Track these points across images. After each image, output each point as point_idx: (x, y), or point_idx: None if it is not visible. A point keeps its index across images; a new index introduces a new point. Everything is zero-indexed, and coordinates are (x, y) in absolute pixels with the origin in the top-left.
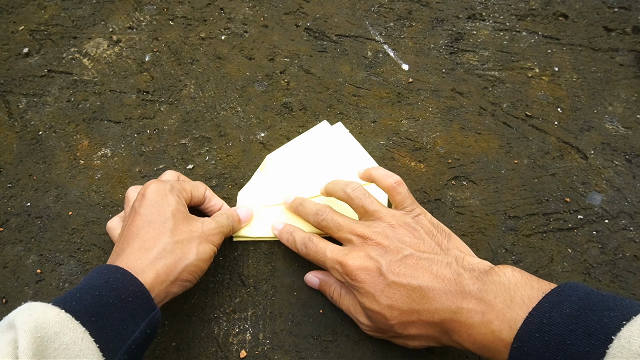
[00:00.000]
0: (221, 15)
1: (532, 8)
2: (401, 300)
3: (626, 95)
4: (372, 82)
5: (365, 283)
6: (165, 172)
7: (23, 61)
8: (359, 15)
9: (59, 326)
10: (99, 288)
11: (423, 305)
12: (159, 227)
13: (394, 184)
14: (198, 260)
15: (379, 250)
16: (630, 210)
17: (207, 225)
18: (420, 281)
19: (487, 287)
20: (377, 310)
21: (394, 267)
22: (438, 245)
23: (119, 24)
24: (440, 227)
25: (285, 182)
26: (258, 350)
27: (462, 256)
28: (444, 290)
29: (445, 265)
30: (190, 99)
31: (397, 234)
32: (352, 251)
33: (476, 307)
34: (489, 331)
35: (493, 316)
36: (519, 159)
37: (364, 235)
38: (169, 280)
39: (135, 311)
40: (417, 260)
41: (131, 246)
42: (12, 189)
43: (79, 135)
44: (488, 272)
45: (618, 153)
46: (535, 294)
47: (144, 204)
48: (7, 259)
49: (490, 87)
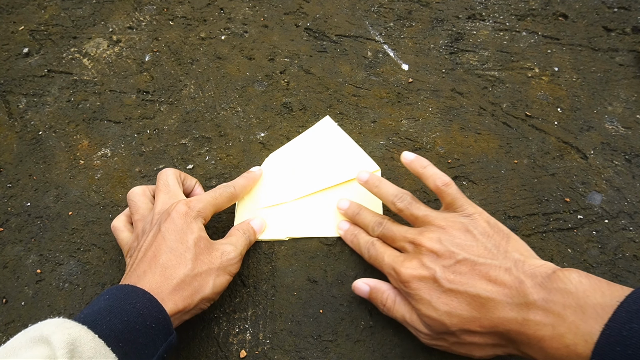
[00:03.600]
0: (221, 15)
1: (532, 8)
2: (460, 307)
3: (626, 95)
4: (372, 82)
5: (421, 290)
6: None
7: (23, 61)
8: (359, 15)
9: (93, 351)
10: (127, 313)
11: (484, 314)
12: (181, 256)
13: (442, 186)
14: (213, 293)
15: (431, 257)
16: (630, 210)
17: (226, 255)
18: (479, 289)
19: (553, 296)
20: (435, 317)
21: (448, 274)
22: (496, 248)
23: (119, 24)
24: (497, 226)
25: (284, 183)
26: (258, 350)
27: (523, 259)
28: (506, 300)
29: (504, 271)
30: (190, 99)
31: (450, 236)
32: (406, 259)
33: (544, 319)
34: (562, 346)
35: (565, 329)
36: (518, 159)
37: (415, 241)
38: (185, 310)
39: (156, 336)
40: (472, 265)
41: (153, 271)
42: (12, 189)
43: (79, 135)
44: (552, 278)
45: (618, 153)
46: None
47: (170, 227)
48: (7, 259)
49: (490, 87)
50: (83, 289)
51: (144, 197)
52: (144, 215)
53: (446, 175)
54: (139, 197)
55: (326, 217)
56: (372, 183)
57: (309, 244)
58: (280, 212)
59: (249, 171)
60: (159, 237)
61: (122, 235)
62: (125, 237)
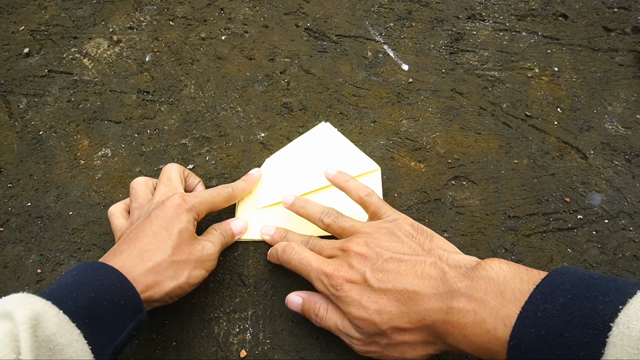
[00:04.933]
0: (221, 15)
1: (532, 8)
2: (389, 304)
3: (626, 95)
4: (372, 82)
5: (351, 292)
6: (171, 164)
7: (23, 61)
8: (359, 15)
9: (56, 327)
10: (95, 289)
11: (412, 307)
12: (162, 241)
13: (364, 197)
14: (186, 284)
15: (360, 259)
16: (630, 210)
17: (206, 250)
18: (405, 283)
19: (476, 283)
20: (366, 316)
21: (376, 274)
22: (420, 246)
23: (119, 24)
24: (420, 228)
25: (283, 182)
26: (258, 350)
27: (447, 254)
28: (431, 291)
29: (429, 265)
30: (190, 99)
31: (376, 239)
32: (335, 262)
33: (467, 305)
34: (484, 331)
35: (486, 314)
36: (518, 159)
37: (343, 247)
38: (154, 295)
39: (124, 313)
40: (398, 263)
41: (130, 250)
42: (12, 189)
43: (79, 135)
44: (475, 267)
45: (618, 153)
46: (526, 286)
47: (159, 213)
48: (8, 259)
49: (490, 87)
50: None
51: (146, 188)
52: (141, 204)
53: (368, 187)
54: (140, 186)
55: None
56: (297, 205)
57: None
58: (280, 212)
59: (248, 174)
60: (147, 222)
61: (117, 221)
62: (119, 224)
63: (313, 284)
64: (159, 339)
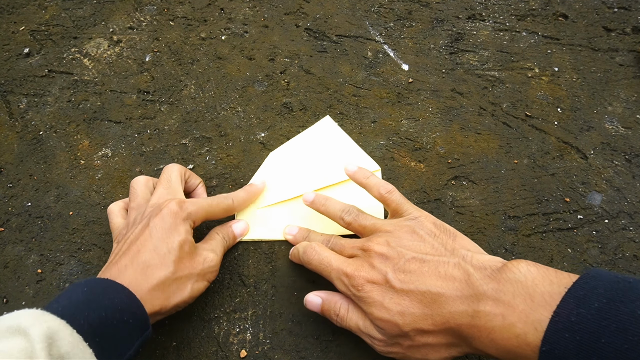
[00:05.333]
0: (221, 15)
1: (532, 8)
2: (412, 306)
3: (626, 95)
4: (372, 82)
5: (373, 292)
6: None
7: (24, 61)
8: (359, 15)
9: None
10: (105, 308)
11: (435, 310)
12: (163, 256)
13: (385, 194)
14: (190, 298)
15: (381, 259)
16: (630, 210)
17: (208, 262)
18: (428, 285)
19: (503, 286)
20: (388, 318)
21: (398, 274)
22: (442, 246)
23: (119, 24)
24: (443, 226)
25: (284, 181)
26: (258, 350)
27: (471, 255)
28: (456, 293)
29: (453, 266)
30: (190, 99)
31: (397, 239)
32: (356, 262)
33: (494, 309)
34: (513, 335)
35: (515, 318)
36: (518, 159)
37: (364, 247)
38: (160, 311)
39: (133, 331)
40: (421, 263)
41: (134, 267)
42: (12, 189)
43: (79, 135)
44: (501, 269)
45: (618, 153)
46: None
47: (158, 223)
48: (8, 259)
49: (490, 87)
50: None
51: (145, 188)
52: (139, 204)
53: (389, 184)
54: (140, 186)
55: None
56: (318, 202)
57: None
58: (280, 211)
59: (251, 184)
60: (146, 232)
61: (116, 220)
62: (117, 222)
63: (334, 284)
64: (159, 339)
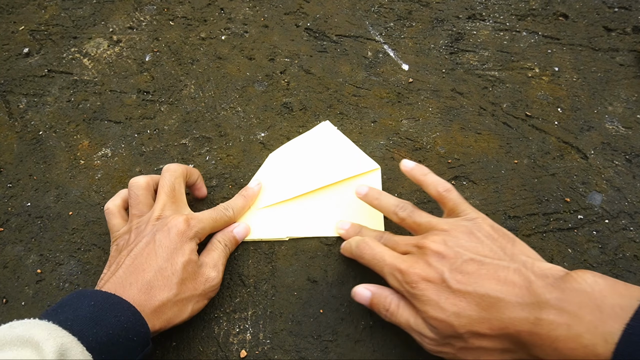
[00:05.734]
0: (221, 15)
1: (532, 8)
2: (469, 308)
3: (626, 95)
4: (372, 82)
5: (428, 291)
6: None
7: (23, 61)
8: (359, 15)
9: None
10: (113, 326)
11: (494, 314)
12: (168, 278)
13: (443, 192)
14: (189, 317)
15: (437, 258)
16: (630, 210)
17: (209, 282)
18: (488, 289)
19: (567, 296)
20: (443, 318)
21: (456, 274)
22: (501, 250)
23: (119, 24)
24: (501, 230)
25: (284, 182)
26: (258, 350)
27: (531, 262)
28: (516, 299)
29: (513, 272)
30: (190, 99)
31: (454, 238)
32: (411, 259)
33: (558, 318)
34: (580, 346)
35: (582, 329)
36: (519, 159)
37: (419, 244)
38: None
39: (136, 348)
40: (479, 265)
41: (138, 286)
42: (12, 188)
43: (79, 135)
44: (564, 278)
45: (618, 153)
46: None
47: (164, 242)
48: (8, 259)
49: (490, 87)
50: (83, 289)
51: (147, 192)
52: (142, 211)
53: (447, 182)
54: (142, 191)
55: (326, 216)
56: (372, 196)
57: (309, 244)
58: (280, 211)
59: (247, 188)
60: (151, 248)
61: (115, 221)
62: (117, 224)
63: (386, 280)
64: (159, 339)
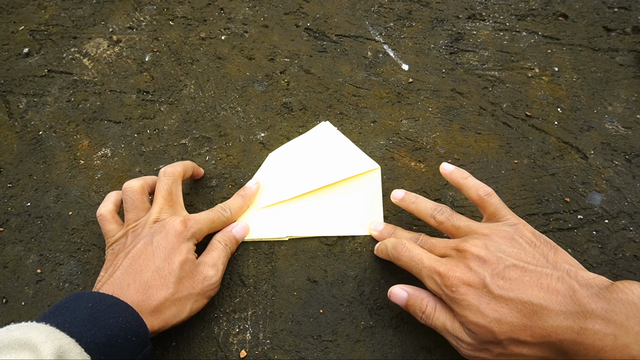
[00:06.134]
0: (221, 15)
1: (532, 8)
2: (510, 314)
3: (626, 95)
4: (372, 82)
5: (469, 295)
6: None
7: (23, 61)
8: (359, 15)
9: None
10: (111, 327)
11: (536, 322)
12: (165, 277)
13: (484, 196)
14: (189, 316)
15: (478, 262)
16: (630, 210)
17: (207, 281)
18: (530, 296)
19: (614, 306)
20: (484, 324)
21: (497, 280)
22: (544, 257)
23: (119, 24)
24: (543, 238)
25: (283, 181)
26: (258, 350)
27: (574, 270)
28: (560, 308)
29: (556, 279)
30: (190, 99)
31: (496, 243)
32: (451, 262)
33: (604, 328)
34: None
35: (630, 340)
36: (519, 159)
37: (459, 247)
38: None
39: (135, 348)
40: (522, 271)
41: (136, 287)
42: (12, 189)
43: (79, 135)
44: (610, 289)
45: (618, 153)
46: None
47: (162, 242)
48: (7, 259)
49: (490, 87)
50: (83, 289)
51: (142, 196)
52: (139, 215)
53: (487, 186)
54: (137, 195)
55: (326, 216)
56: (408, 200)
57: (309, 244)
58: (280, 211)
59: (245, 188)
60: (149, 250)
61: (110, 227)
62: (112, 229)
63: (424, 282)
64: (159, 339)
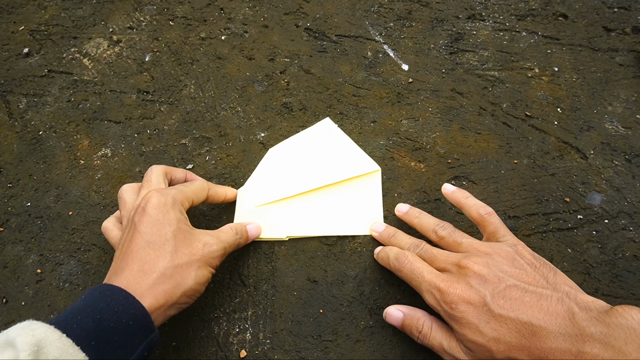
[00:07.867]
0: (221, 15)
1: (532, 8)
2: (509, 334)
3: (626, 95)
4: (372, 82)
5: (468, 314)
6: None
7: (23, 61)
8: (359, 15)
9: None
10: (100, 311)
11: (534, 343)
12: (159, 249)
13: (485, 215)
14: (196, 284)
15: (479, 280)
16: (630, 210)
17: (207, 247)
18: (530, 317)
19: (613, 331)
20: (482, 342)
21: (498, 299)
22: (544, 279)
23: (119, 24)
24: (541, 259)
25: (283, 180)
26: (258, 350)
27: (574, 293)
28: (558, 330)
29: (556, 301)
30: (190, 99)
31: (497, 262)
32: (452, 279)
33: (603, 352)
34: None
35: None
36: (518, 159)
37: (460, 264)
38: (167, 305)
39: (134, 334)
40: (522, 292)
41: (130, 267)
42: (12, 189)
43: (79, 135)
44: (610, 313)
45: (618, 153)
46: None
47: (144, 220)
48: (8, 259)
49: (490, 87)
50: (83, 289)
51: (132, 194)
52: (128, 211)
53: (487, 206)
54: (127, 194)
55: (326, 216)
56: (412, 214)
57: (309, 244)
58: (280, 211)
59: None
60: (136, 233)
61: (112, 234)
62: (115, 236)
63: (423, 297)
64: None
